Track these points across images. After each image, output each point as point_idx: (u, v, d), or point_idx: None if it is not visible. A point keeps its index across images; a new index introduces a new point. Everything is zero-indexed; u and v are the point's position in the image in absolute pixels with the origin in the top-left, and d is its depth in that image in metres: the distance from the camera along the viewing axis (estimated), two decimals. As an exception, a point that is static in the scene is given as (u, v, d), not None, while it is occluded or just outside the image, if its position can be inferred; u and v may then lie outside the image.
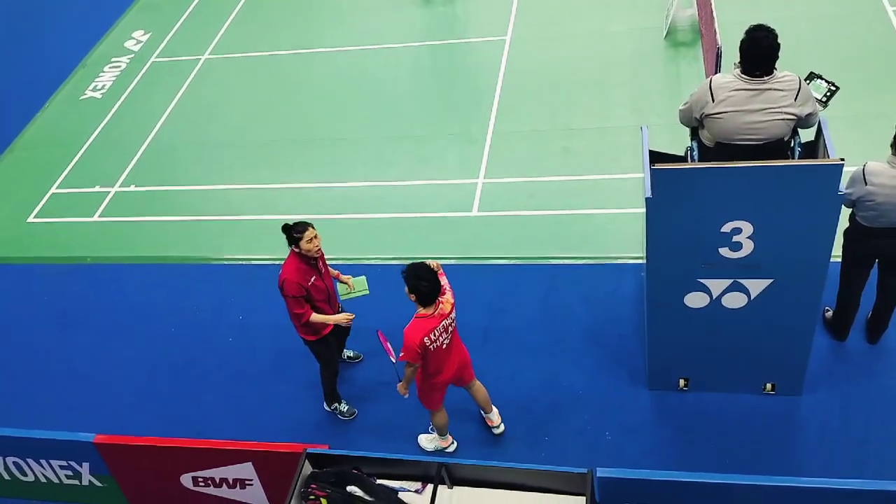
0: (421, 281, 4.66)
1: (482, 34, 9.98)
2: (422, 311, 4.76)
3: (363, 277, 5.79)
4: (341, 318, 5.50)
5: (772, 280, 4.76)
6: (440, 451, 5.57)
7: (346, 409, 5.96)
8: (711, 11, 7.21)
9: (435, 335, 4.77)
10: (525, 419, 5.69)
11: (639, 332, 6.06)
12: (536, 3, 10.40)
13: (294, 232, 5.21)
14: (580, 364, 6.00)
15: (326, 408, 6.03)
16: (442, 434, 5.52)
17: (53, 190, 8.92)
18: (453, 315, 4.89)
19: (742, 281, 4.81)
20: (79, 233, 8.27)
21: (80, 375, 6.71)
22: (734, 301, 4.93)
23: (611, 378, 5.86)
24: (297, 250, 5.24)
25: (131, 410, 6.32)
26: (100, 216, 8.40)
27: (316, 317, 5.39)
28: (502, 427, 5.60)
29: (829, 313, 5.80)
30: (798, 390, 5.43)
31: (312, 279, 5.32)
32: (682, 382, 5.59)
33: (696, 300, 4.96)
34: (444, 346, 4.91)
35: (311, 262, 5.31)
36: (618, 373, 5.88)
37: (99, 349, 6.93)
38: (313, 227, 5.23)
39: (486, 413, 5.59)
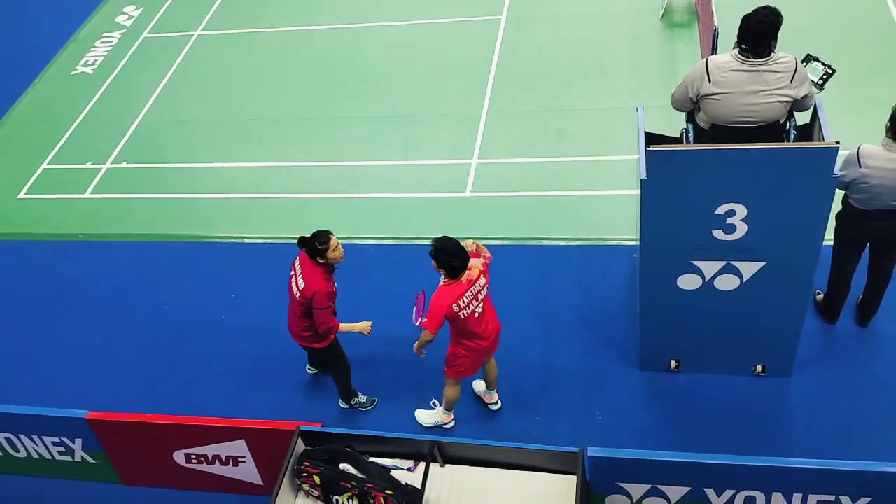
0: (452, 258, 4.64)
1: (477, 13, 9.89)
2: (449, 280, 4.73)
3: None
4: (365, 325, 5.39)
5: (764, 263, 4.78)
6: (437, 427, 5.58)
7: (365, 400, 5.87)
8: (709, -8, 7.17)
9: (465, 301, 4.70)
10: (517, 399, 5.72)
11: (630, 313, 6.08)
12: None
13: (318, 243, 4.99)
14: (571, 345, 6.02)
15: (344, 405, 5.88)
16: (448, 409, 5.52)
17: (44, 166, 8.84)
18: (482, 281, 4.81)
19: (735, 263, 4.82)
20: (70, 209, 8.21)
21: (72, 352, 6.70)
22: (727, 283, 4.95)
23: (602, 359, 5.89)
24: (322, 261, 5.07)
25: (124, 387, 6.32)
26: (91, 193, 8.35)
27: (343, 326, 5.29)
28: (500, 404, 5.66)
29: (820, 296, 5.84)
30: (788, 372, 5.47)
31: (334, 286, 5.20)
32: (673, 364, 5.62)
33: (688, 282, 4.98)
34: (477, 314, 4.82)
35: (332, 270, 5.19)
36: (609, 354, 5.91)
37: (91, 326, 6.91)
38: (333, 234, 5.08)
39: (489, 389, 5.62)
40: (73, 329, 6.92)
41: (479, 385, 5.74)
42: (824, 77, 4.90)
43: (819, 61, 4.92)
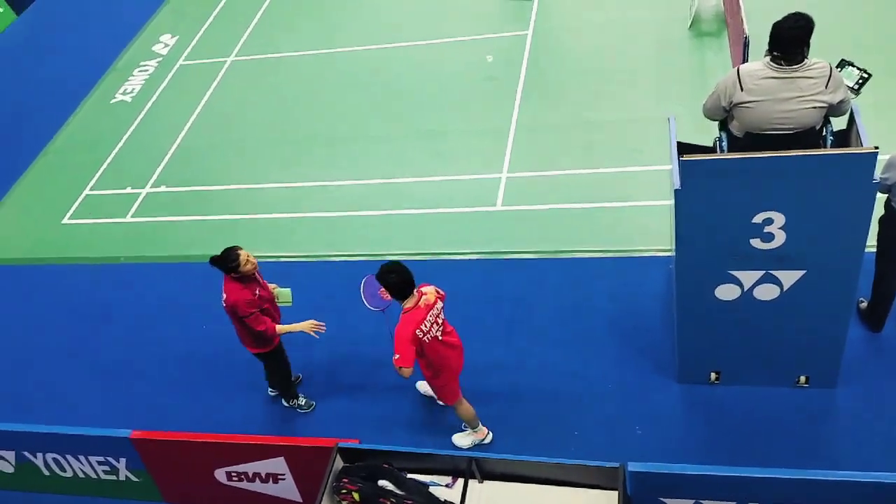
0: (389, 274, 4.72)
1: (504, 30, 9.95)
2: (406, 304, 4.80)
3: (288, 290, 5.74)
4: (307, 325, 5.49)
5: (805, 271, 4.69)
6: (478, 445, 5.56)
7: (304, 402, 6.09)
8: (737, 0, 7.12)
9: (426, 326, 4.79)
10: (554, 413, 5.68)
11: (666, 325, 6.01)
12: (559, -4, 10.36)
13: (229, 262, 5.23)
14: (608, 357, 5.97)
15: (286, 404, 6.13)
16: (474, 426, 5.51)
17: (86, 192, 9.09)
18: (440, 305, 4.93)
19: (774, 272, 4.74)
20: (112, 233, 8.42)
21: (115, 372, 6.84)
22: (766, 293, 4.87)
23: (639, 371, 5.82)
24: (236, 276, 5.28)
25: (166, 405, 6.43)
26: (132, 217, 8.55)
27: (281, 328, 5.47)
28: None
29: (864, 304, 5.71)
30: (832, 383, 5.35)
31: (257, 291, 5.39)
32: (713, 376, 5.54)
33: (726, 292, 4.91)
34: (439, 336, 4.93)
35: (250, 278, 5.37)
36: (646, 366, 5.84)
37: (132, 346, 7.05)
38: (241, 248, 5.28)
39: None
40: (115, 349, 7.08)
41: (422, 385, 5.79)
42: (860, 82, 4.83)
43: (854, 66, 4.85)
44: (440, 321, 4.93)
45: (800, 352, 5.20)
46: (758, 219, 4.48)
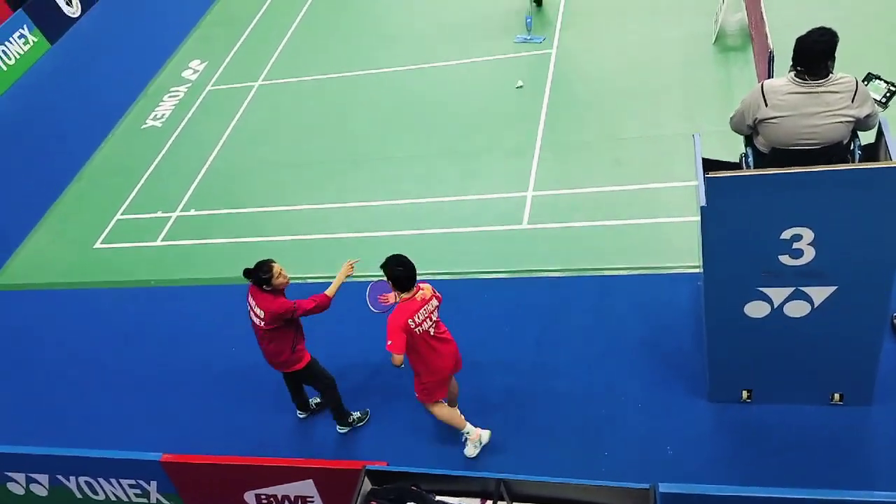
0: (397, 267, 5.00)
1: (528, 49, 10.00)
2: (404, 296, 5.06)
3: None
4: (345, 269, 5.56)
5: (836, 287, 4.62)
6: (482, 448, 5.65)
7: (359, 415, 6.04)
8: (761, 15, 7.08)
9: (419, 318, 5.03)
10: (583, 432, 5.63)
11: (697, 342, 5.94)
12: (581, 13, 10.39)
13: (261, 274, 5.26)
14: (638, 375, 5.91)
15: (342, 429, 6.01)
16: (461, 427, 5.61)
17: (118, 216, 9.27)
18: (434, 302, 5.17)
19: (804, 289, 4.68)
20: (142, 257, 8.56)
21: (145, 395, 6.93)
22: (797, 310, 4.79)
23: (670, 390, 5.75)
24: (268, 288, 5.31)
25: (196, 427, 6.49)
26: (162, 240, 8.69)
27: (330, 290, 5.46)
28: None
29: (898, 319, 5.60)
30: (868, 400, 5.24)
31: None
32: (744, 394, 5.45)
33: (756, 309, 4.85)
34: (431, 331, 5.12)
35: (281, 293, 5.42)
36: (677, 384, 5.77)
37: (163, 369, 7.14)
38: (275, 261, 5.33)
39: (450, 407, 5.67)
40: (146, 371, 7.17)
41: (467, 450, 5.72)
42: (888, 95, 4.77)
43: (881, 79, 4.80)
44: (433, 318, 5.16)
45: (833, 369, 5.10)
46: (786, 235, 4.42)
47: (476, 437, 5.64)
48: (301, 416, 6.27)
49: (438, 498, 3.99)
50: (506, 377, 6.15)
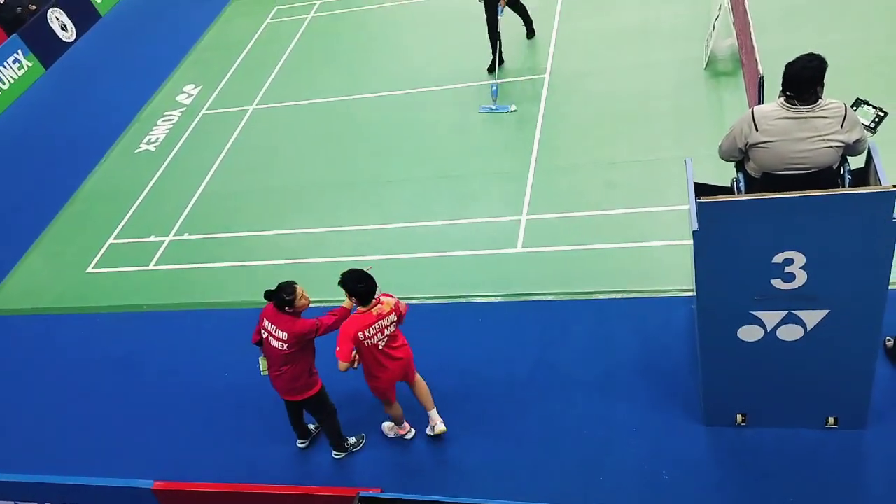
0: (359, 284, 5.19)
1: (521, 73, 10.09)
2: (361, 309, 5.24)
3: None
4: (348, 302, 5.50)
5: (828, 311, 4.64)
6: (400, 439, 5.98)
7: (355, 440, 6.04)
8: (751, 40, 7.18)
9: (370, 332, 5.22)
10: (578, 457, 5.60)
11: (692, 365, 5.94)
12: (574, 38, 10.50)
13: (285, 295, 5.25)
14: (633, 400, 5.90)
15: (338, 455, 6.00)
16: (399, 423, 5.92)
17: (111, 241, 9.25)
18: (392, 318, 5.31)
19: (797, 312, 4.70)
20: (135, 282, 8.53)
21: (138, 420, 6.87)
22: (790, 333, 4.81)
23: (665, 414, 5.74)
24: (289, 310, 5.30)
25: (188, 454, 6.43)
26: (155, 265, 8.67)
27: (347, 302, 5.40)
28: (443, 427, 5.83)
29: (891, 342, 5.61)
30: (862, 423, 5.24)
31: None
32: (739, 418, 5.45)
33: (749, 334, 4.86)
34: (380, 346, 5.30)
35: (299, 316, 5.41)
36: (672, 408, 5.76)
37: (155, 394, 7.09)
38: (297, 283, 5.34)
39: (427, 410, 5.82)
40: (137, 397, 7.11)
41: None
42: (876, 120, 4.83)
43: (869, 104, 4.86)
44: (387, 332, 5.33)
45: (827, 392, 5.11)
46: (778, 259, 4.45)
47: (404, 432, 5.97)
48: (301, 444, 6.20)
49: (433, 525, 3.97)
50: (501, 401, 6.13)
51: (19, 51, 13.70)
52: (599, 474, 5.46)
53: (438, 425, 5.81)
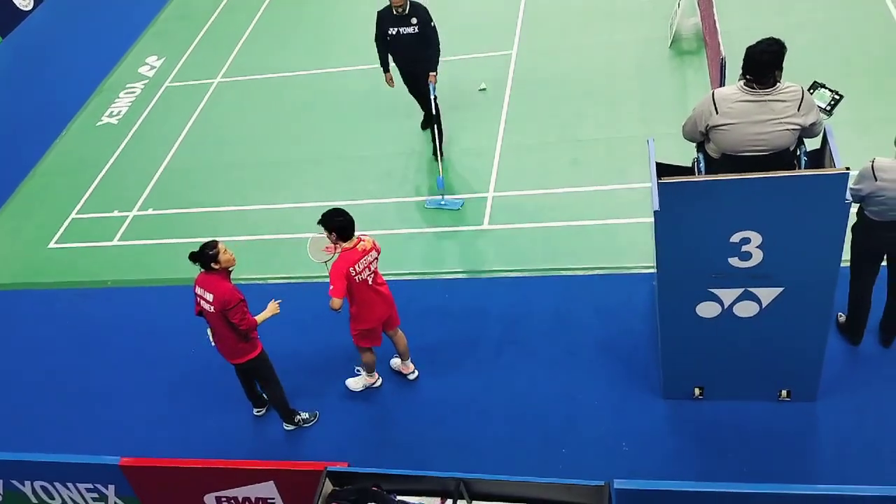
0: (337, 217, 5.39)
1: (488, 49, 10.08)
2: (345, 245, 5.45)
3: None
4: (272, 306, 5.70)
5: (783, 288, 4.80)
6: (368, 389, 6.22)
7: (307, 416, 6.13)
8: (714, 21, 7.27)
9: (359, 267, 5.45)
10: (541, 432, 5.74)
11: (653, 341, 6.10)
12: (541, 16, 10.50)
13: (208, 250, 5.35)
14: (595, 375, 6.04)
15: (289, 427, 6.11)
16: (370, 371, 6.18)
17: (73, 216, 9.09)
18: (374, 254, 5.58)
19: (753, 290, 4.85)
20: (98, 257, 8.42)
21: (102, 397, 6.84)
22: (746, 310, 4.97)
23: (626, 388, 5.90)
24: (216, 267, 5.38)
25: (154, 430, 6.43)
26: (119, 240, 8.56)
27: (259, 318, 5.58)
28: (416, 373, 6.26)
29: (843, 318, 5.82)
30: (813, 396, 5.45)
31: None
32: (696, 391, 5.62)
33: (707, 310, 5.01)
34: (369, 281, 5.54)
35: (228, 274, 5.48)
36: (633, 383, 5.92)
37: (120, 370, 7.05)
38: (219, 240, 5.43)
39: (402, 360, 6.21)
40: (102, 373, 7.07)
41: (394, 361, 6.33)
42: (832, 103, 4.96)
43: (826, 88, 4.99)
44: (372, 268, 5.57)
45: (781, 366, 5.29)
46: (735, 238, 4.58)
47: (372, 381, 6.21)
48: (258, 412, 6.27)
49: (399, 498, 4.05)
50: (465, 377, 6.23)
51: (-27, 18, 13.28)
52: (562, 447, 5.61)
53: (413, 373, 6.23)
